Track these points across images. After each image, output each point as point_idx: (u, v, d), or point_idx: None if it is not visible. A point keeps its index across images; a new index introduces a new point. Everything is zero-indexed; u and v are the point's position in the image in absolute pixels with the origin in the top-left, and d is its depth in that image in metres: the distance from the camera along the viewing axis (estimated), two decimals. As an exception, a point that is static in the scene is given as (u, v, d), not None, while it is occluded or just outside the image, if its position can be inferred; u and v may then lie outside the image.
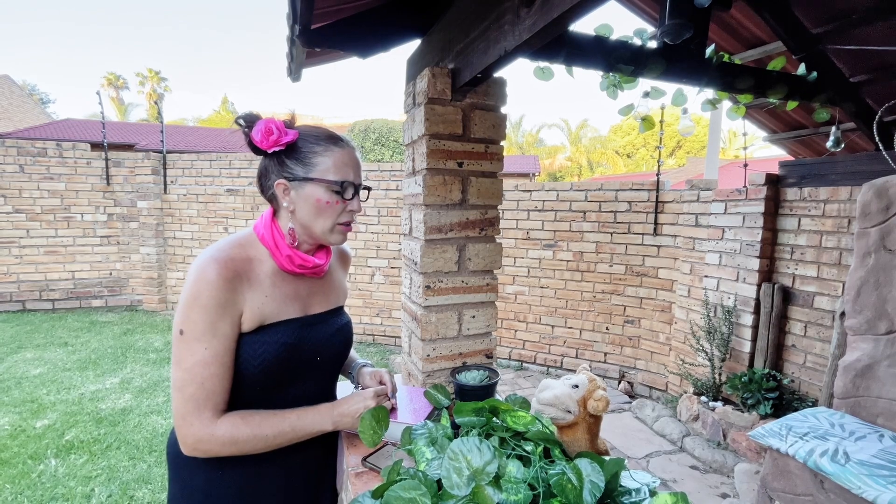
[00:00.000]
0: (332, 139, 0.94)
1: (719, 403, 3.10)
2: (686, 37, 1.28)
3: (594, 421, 0.91)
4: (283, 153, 0.91)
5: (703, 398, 3.20)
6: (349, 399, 0.99)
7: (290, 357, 0.92)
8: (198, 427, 0.83)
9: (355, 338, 1.34)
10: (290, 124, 0.93)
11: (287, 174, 0.91)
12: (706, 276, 3.44)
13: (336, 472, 1.16)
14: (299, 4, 1.16)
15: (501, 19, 1.02)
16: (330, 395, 1.10)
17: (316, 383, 1.02)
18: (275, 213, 0.97)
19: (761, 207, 3.02)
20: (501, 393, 1.37)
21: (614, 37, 1.62)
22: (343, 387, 1.50)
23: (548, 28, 0.87)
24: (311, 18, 1.29)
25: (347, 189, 0.94)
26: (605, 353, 4.20)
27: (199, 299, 0.82)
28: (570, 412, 0.88)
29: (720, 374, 3.22)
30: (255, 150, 0.91)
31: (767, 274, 3.10)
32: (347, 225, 0.98)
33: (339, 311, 1.09)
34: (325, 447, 1.06)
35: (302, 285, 0.98)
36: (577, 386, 0.90)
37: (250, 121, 0.91)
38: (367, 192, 1.01)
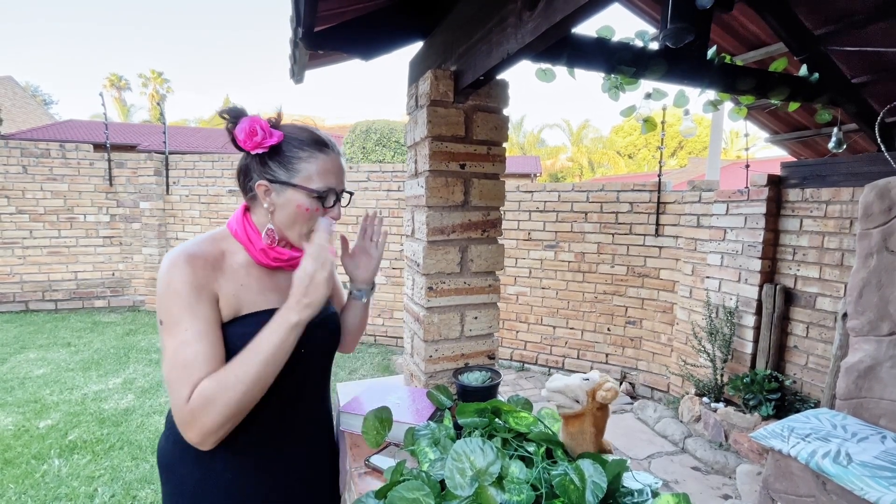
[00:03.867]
0: (317, 144, 0.91)
1: (721, 404, 3.09)
2: (688, 41, 1.28)
3: (601, 415, 0.91)
4: (266, 154, 0.89)
5: (705, 399, 3.20)
6: (295, 283, 0.85)
7: None
8: (179, 412, 0.78)
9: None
10: (275, 124, 0.91)
11: (269, 176, 0.89)
12: (708, 277, 3.44)
13: (338, 474, 1.16)
14: (303, 7, 1.17)
15: (504, 22, 1.03)
16: (321, 387, 1.08)
17: (304, 374, 0.99)
18: (248, 208, 0.95)
19: (763, 208, 3.02)
20: (503, 394, 1.37)
21: (616, 38, 1.63)
22: (345, 388, 1.51)
23: (550, 31, 0.88)
24: (315, 21, 1.29)
25: (329, 197, 0.92)
26: (607, 354, 4.20)
27: (171, 286, 0.81)
28: (578, 402, 0.88)
29: (722, 375, 3.21)
30: (238, 147, 0.89)
31: (769, 275, 3.09)
32: None
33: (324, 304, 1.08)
34: (315, 446, 1.05)
35: (282, 277, 0.97)
36: (587, 379, 0.91)
37: (235, 116, 0.88)
38: (349, 196, 1.00)
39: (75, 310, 5.86)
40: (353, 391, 1.39)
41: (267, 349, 0.81)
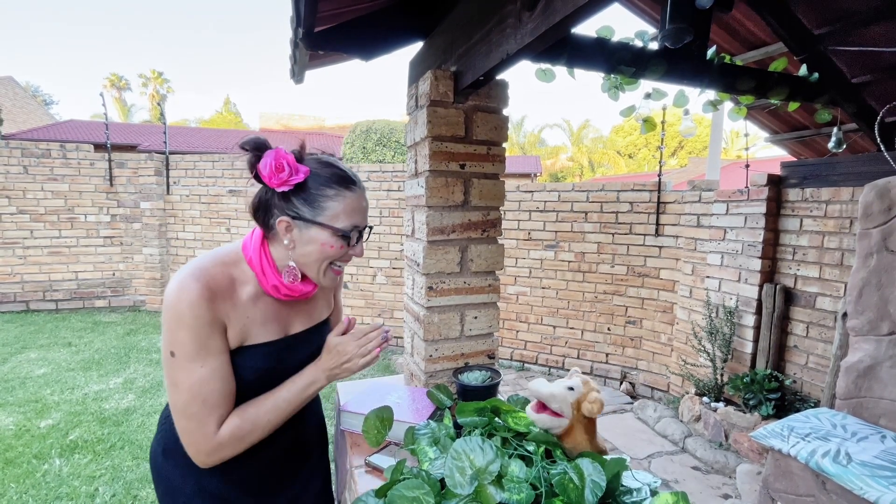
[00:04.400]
0: (343, 182, 0.89)
1: (721, 404, 3.10)
2: (686, 41, 1.28)
3: (589, 420, 0.91)
4: (290, 190, 0.86)
5: (705, 399, 3.20)
6: (332, 353, 0.96)
7: (269, 379, 0.91)
8: (204, 442, 0.82)
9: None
10: (300, 157, 0.87)
11: (292, 212, 0.86)
12: (708, 277, 3.44)
13: (330, 481, 1.17)
14: (303, 8, 1.17)
15: (503, 23, 1.03)
16: (314, 405, 1.12)
17: None
18: (265, 235, 0.92)
19: (763, 208, 3.02)
20: (503, 393, 1.38)
21: (616, 38, 1.63)
22: (346, 388, 1.51)
23: (550, 32, 0.88)
24: (315, 22, 1.29)
25: (354, 235, 0.91)
26: (607, 354, 4.21)
27: (183, 320, 0.80)
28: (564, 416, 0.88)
29: (722, 375, 3.22)
30: (261, 182, 0.86)
31: (769, 275, 3.09)
32: (341, 268, 0.95)
33: (323, 326, 1.06)
34: (307, 454, 1.07)
35: (283, 304, 0.95)
36: (572, 389, 0.89)
37: (257, 148, 0.85)
38: (369, 231, 0.97)
39: (76, 310, 5.87)
40: (353, 391, 1.39)
41: (293, 400, 0.92)
